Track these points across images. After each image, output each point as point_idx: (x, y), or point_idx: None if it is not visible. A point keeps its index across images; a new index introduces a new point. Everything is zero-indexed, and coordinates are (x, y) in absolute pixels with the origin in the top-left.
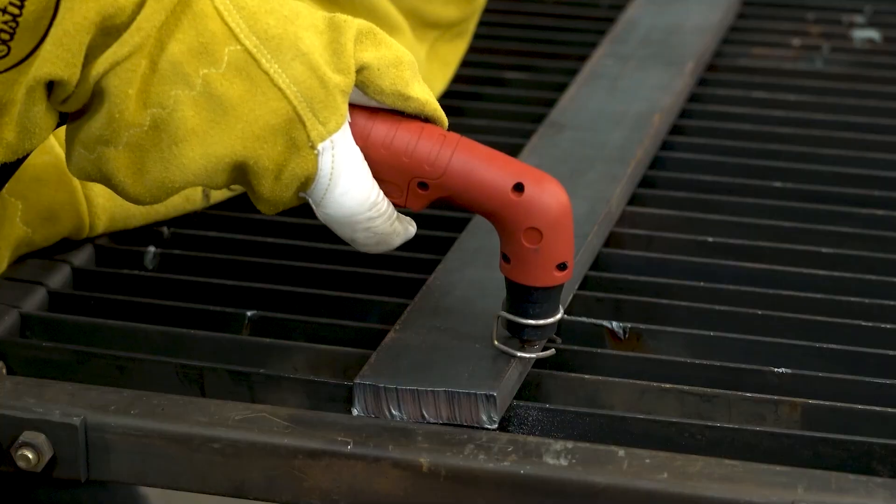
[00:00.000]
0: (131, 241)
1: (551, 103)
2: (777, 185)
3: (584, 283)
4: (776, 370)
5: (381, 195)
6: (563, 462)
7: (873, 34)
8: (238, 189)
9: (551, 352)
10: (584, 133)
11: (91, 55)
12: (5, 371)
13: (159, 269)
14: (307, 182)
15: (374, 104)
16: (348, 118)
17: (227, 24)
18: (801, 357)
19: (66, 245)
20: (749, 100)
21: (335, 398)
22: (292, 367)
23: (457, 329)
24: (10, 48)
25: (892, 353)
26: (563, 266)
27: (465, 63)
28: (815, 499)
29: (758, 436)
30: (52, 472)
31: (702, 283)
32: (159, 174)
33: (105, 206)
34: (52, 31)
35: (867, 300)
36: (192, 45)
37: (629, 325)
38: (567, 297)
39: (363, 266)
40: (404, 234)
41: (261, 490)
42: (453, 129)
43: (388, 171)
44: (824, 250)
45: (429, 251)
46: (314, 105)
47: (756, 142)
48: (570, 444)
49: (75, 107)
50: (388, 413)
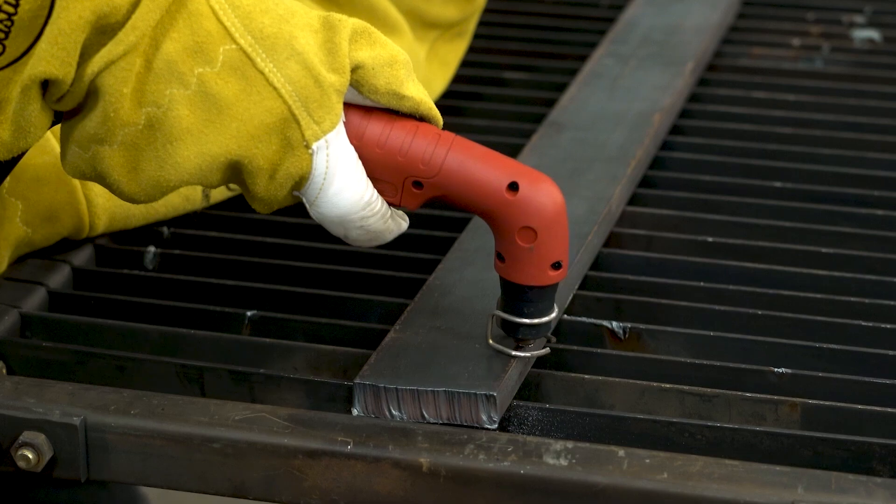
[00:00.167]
0: (131, 241)
1: (551, 103)
2: (777, 185)
3: (584, 283)
4: (776, 370)
5: (376, 195)
6: (563, 462)
7: (873, 34)
8: (237, 189)
9: (546, 350)
10: (584, 133)
11: (86, 54)
12: (5, 371)
13: (159, 269)
14: (301, 181)
15: (368, 103)
16: (343, 117)
17: (222, 23)
18: (801, 357)
19: (66, 245)
20: (749, 100)
21: (335, 398)
22: (292, 367)
23: (457, 329)
24: (5, 47)
25: (892, 353)
26: (557, 265)
27: (465, 63)
28: (815, 499)
29: (758, 436)
30: (52, 472)
31: (702, 283)
32: (154, 173)
33: (105, 206)
34: (48, 29)
35: (867, 300)
36: (187, 44)
37: (629, 325)
38: (567, 297)
39: (363, 266)
40: (397, 230)
41: (261, 490)
42: (454, 129)
43: (382, 170)
44: (824, 250)
45: (429, 251)
46: (309, 104)
47: (756, 142)
48: (570, 444)
49: (70, 105)
50: (388, 413)
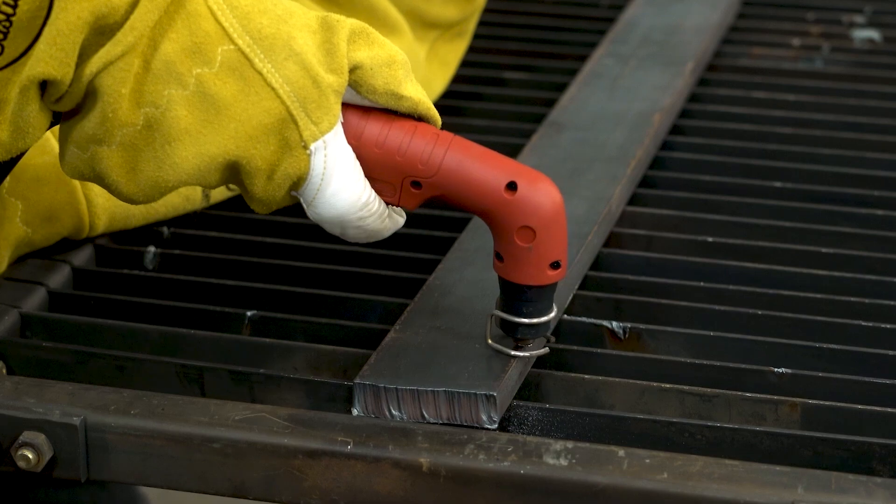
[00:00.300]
0: (131, 241)
1: (551, 103)
2: (777, 185)
3: (584, 283)
4: (776, 370)
5: (373, 195)
6: (563, 462)
7: (873, 34)
8: (237, 189)
9: (545, 350)
10: (584, 133)
11: (84, 54)
12: (5, 371)
13: (159, 269)
14: (299, 182)
15: (367, 103)
16: (341, 118)
17: (220, 23)
18: (801, 357)
19: (66, 245)
20: (749, 100)
21: (335, 398)
22: (292, 367)
23: (457, 329)
24: (3, 47)
25: (892, 353)
26: (556, 265)
27: (465, 63)
28: (815, 499)
29: (758, 436)
30: (52, 472)
31: (702, 283)
32: (152, 173)
33: (105, 206)
34: (46, 30)
35: (867, 300)
36: (185, 45)
37: (629, 325)
38: (567, 297)
39: (363, 266)
40: (394, 227)
41: (261, 490)
42: (454, 129)
43: (381, 170)
44: (824, 250)
45: (429, 251)
46: (307, 105)
47: (756, 142)
48: (570, 444)
49: (69, 106)
50: (388, 413)
